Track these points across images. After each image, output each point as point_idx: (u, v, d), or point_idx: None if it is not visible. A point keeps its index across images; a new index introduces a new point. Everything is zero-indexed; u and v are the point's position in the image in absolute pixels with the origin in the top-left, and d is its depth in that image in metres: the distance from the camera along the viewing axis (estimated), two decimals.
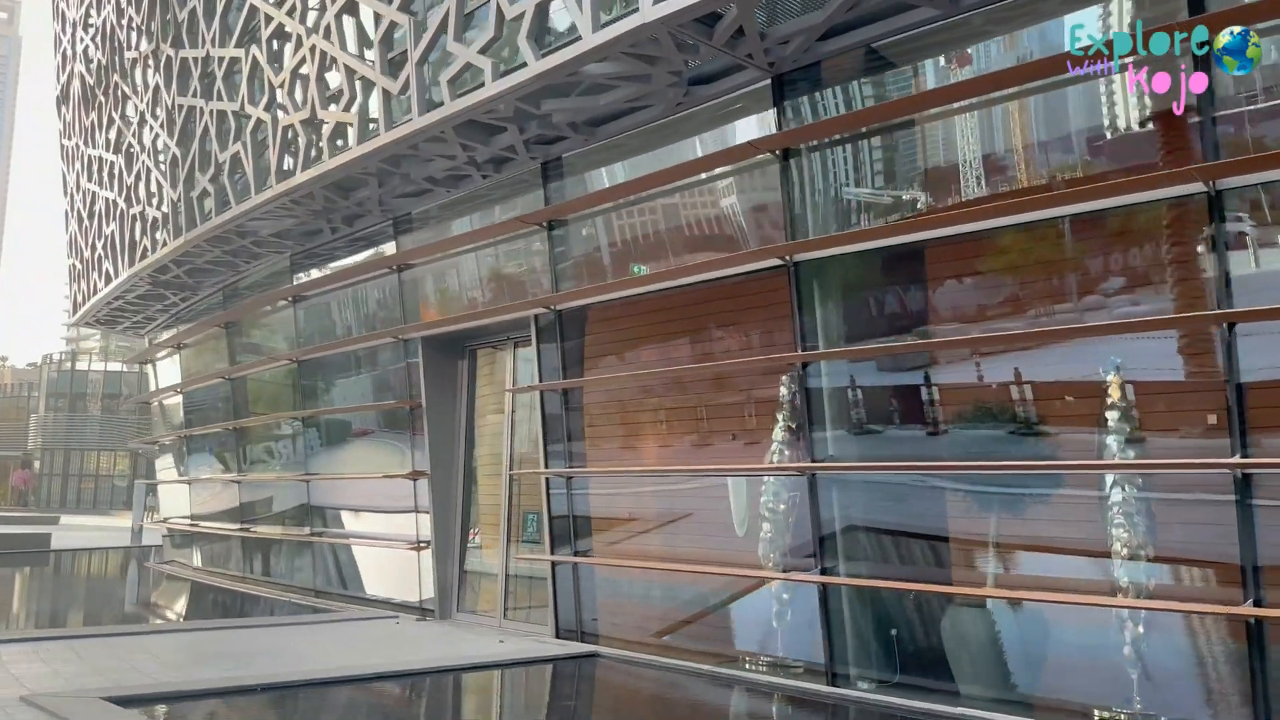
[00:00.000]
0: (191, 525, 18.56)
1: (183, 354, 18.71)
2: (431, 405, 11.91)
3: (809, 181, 7.97)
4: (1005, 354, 7.04)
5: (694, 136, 9.11)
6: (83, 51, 17.85)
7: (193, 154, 13.21)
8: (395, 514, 13.00)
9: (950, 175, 7.28)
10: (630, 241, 9.81)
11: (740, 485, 9.52)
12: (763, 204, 8.48)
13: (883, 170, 7.75)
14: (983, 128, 7.23)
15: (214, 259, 14.59)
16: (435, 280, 12.17)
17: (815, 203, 7.94)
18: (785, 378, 8.48)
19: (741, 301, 8.90)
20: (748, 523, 9.72)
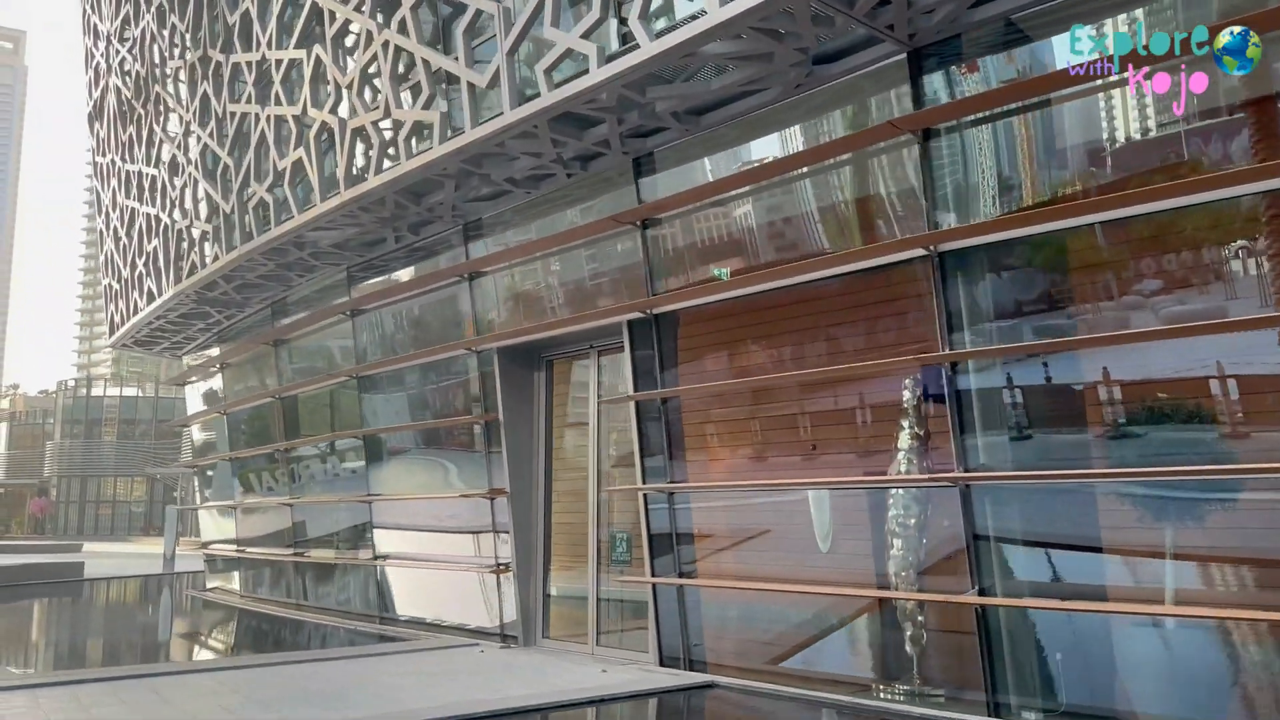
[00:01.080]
0: (238, 550, 17.93)
1: (225, 374, 18.13)
2: (509, 419, 11.28)
3: (953, 163, 7.33)
4: (1190, 343, 6.39)
5: (798, 124, 8.50)
6: (118, 65, 17.34)
7: (247, 163, 12.64)
8: (466, 534, 12.38)
9: (1121, 153, 6.65)
10: (729, 238, 9.20)
11: (822, 499, 8.93)
12: (891, 190, 7.85)
13: (1039, 148, 7.11)
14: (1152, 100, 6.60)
15: (266, 273, 14.01)
16: (509, 288, 11.56)
17: (960, 186, 7.31)
18: (908, 381, 7.84)
19: (860, 297, 8.28)
20: (831, 538, 9.17)
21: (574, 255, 10.73)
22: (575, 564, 11.16)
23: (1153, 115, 6.55)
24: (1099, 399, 6.96)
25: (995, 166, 7.22)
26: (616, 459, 10.70)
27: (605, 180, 10.14)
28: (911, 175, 7.54)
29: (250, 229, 12.63)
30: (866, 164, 7.93)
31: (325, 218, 11.38)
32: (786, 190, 8.62)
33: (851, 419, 8.63)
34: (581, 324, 10.23)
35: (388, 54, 9.92)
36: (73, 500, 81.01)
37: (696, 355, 9.48)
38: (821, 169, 8.16)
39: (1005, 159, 7.22)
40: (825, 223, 8.40)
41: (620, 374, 10.79)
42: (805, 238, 8.55)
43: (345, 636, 13.45)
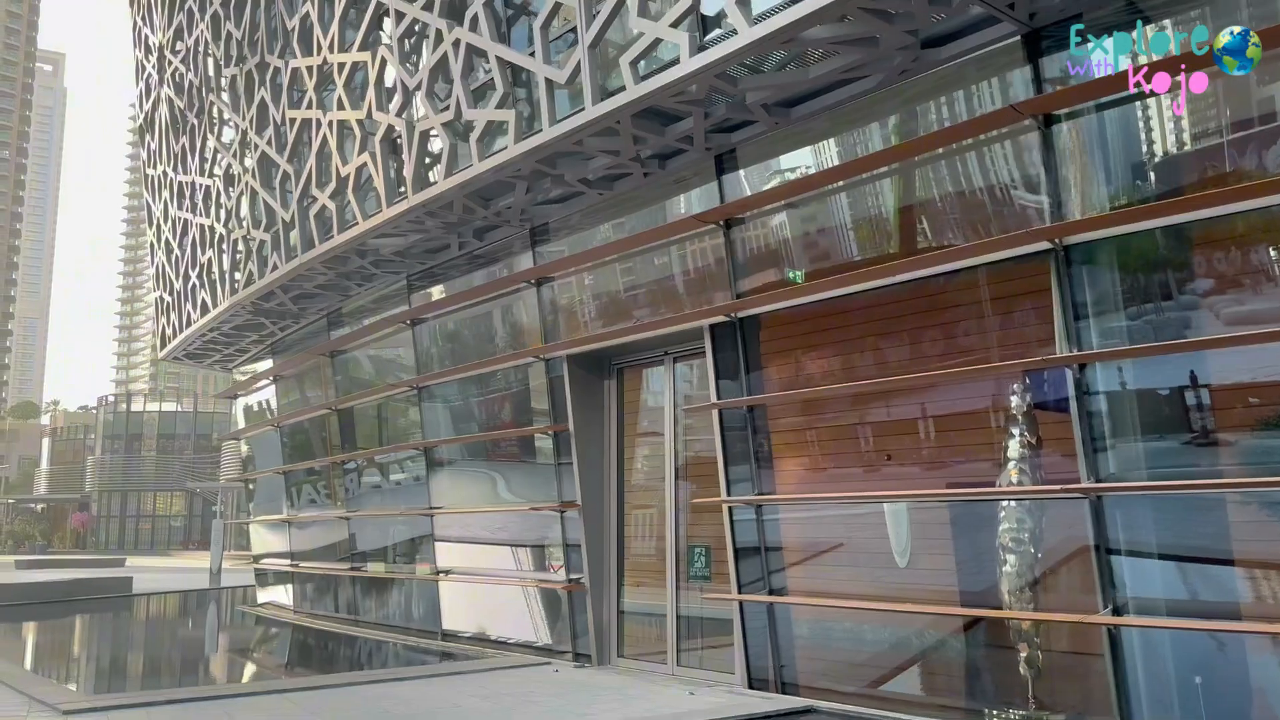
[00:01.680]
0: (291, 565, 17.66)
1: (278, 386, 17.91)
2: (579, 430, 10.89)
3: (1077, 150, 6.86)
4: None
5: (894, 114, 8.07)
6: (170, 76, 17.23)
7: (308, 169, 12.39)
8: (533, 549, 12.00)
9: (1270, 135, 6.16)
10: (818, 236, 8.77)
11: (899, 512, 8.43)
12: (1004, 181, 7.40)
13: (1179, 134, 6.63)
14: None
15: (324, 283, 13.75)
16: (578, 293, 11.19)
17: (1085, 175, 6.84)
18: (1017, 385, 7.37)
19: (959, 297, 7.83)
20: (908, 553, 8.72)
21: (646, 258, 10.35)
22: (649, 579, 10.74)
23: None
24: (1242, 402, 6.46)
25: (1124, 153, 6.75)
26: (694, 470, 10.29)
27: (677, 181, 9.77)
28: (1030, 164, 7.08)
29: (312, 237, 12.37)
30: (977, 154, 7.48)
31: (390, 224, 11.08)
32: (883, 184, 8.18)
33: (948, 426, 8.18)
34: (657, 330, 9.84)
35: (459, 53, 9.60)
36: (113, 515, 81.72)
37: (781, 360, 9.05)
38: (927, 160, 7.71)
39: (1136, 145, 6.75)
40: (929, 217, 7.95)
41: (696, 381, 10.41)
42: (904, 234, 8.11)
43: (407, 654, 13.10)
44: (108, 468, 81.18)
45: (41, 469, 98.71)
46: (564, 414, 11.07)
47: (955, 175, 7.70)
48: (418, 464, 13.94)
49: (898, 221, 8.18)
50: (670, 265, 10.09)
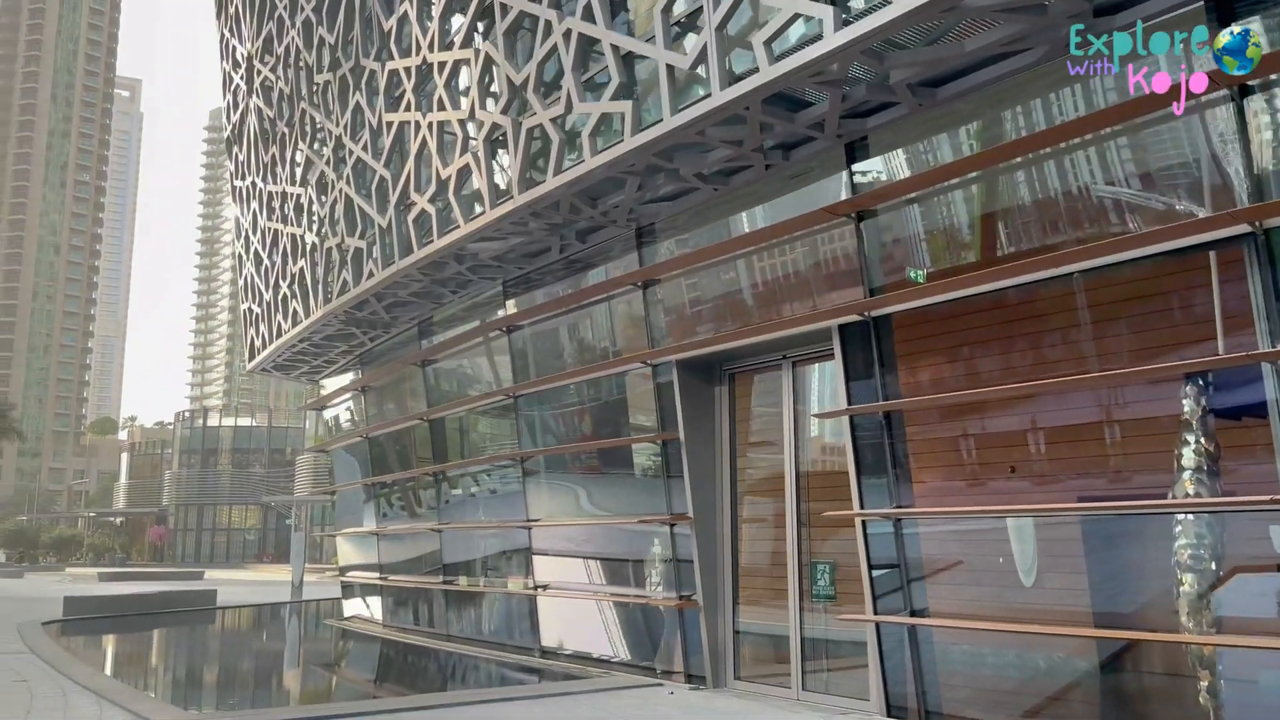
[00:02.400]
0: (380, 578, 17.41)
1: (365, 397, 17.72)
2: (690, 438, 10.37)
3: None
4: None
5: (1051, 92, 7.43)
6: (260, 85, 17.22)
7: (406, 173, 12.12)
8: (639, 563, 11.50)
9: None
10: (958, 228, 8.17)
11: (1024, 528, 7.79)
12: (1183, 161, 6.73)
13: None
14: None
15: (419, 290, 13.48)
16: (686, 295, 10.70)
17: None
18: (1189, 389, 6.67)
19: (1117, 292, 7.17)
20: (1035, 570, 8.03)
21: (762, 257, 9.82)
22: (766, 597, 10.16)
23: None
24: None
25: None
26: (815, 482, 9.71)
27: (794, 176, 9.25)
28: (1216, 141, 6.40)
29: (410, 242, 12.08)
30: (1151, 131, 6.82)
31: (492, 226, 10.73)
32: (1037, 170, 7.54)
33: (1102, 434, 7.51)
34: (777, 332, 9.29)
35: (569, 44, 9.21)
36: (189, 528, 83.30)
37: (918, 362, 8.44)
38: (1091, 141, 7.07)
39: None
40: (1088, 205, 7.30)
41: (818, 386, 9.84)
42: (1060, 224, 7.46)
43: (506, 673, 12.69)
44: (184, 482, 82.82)
45: (120, 483, 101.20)
46: (673, 422, 10.57)
47: (1125, 156, 7.05)
48: (511, 475, 13.57)
49: (1054, 210, 7.53)
50: (789, 264, 9.55)
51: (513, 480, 13.48)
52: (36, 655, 13.75)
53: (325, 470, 64.25)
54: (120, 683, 11.69)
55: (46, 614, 21.25)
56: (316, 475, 67.61)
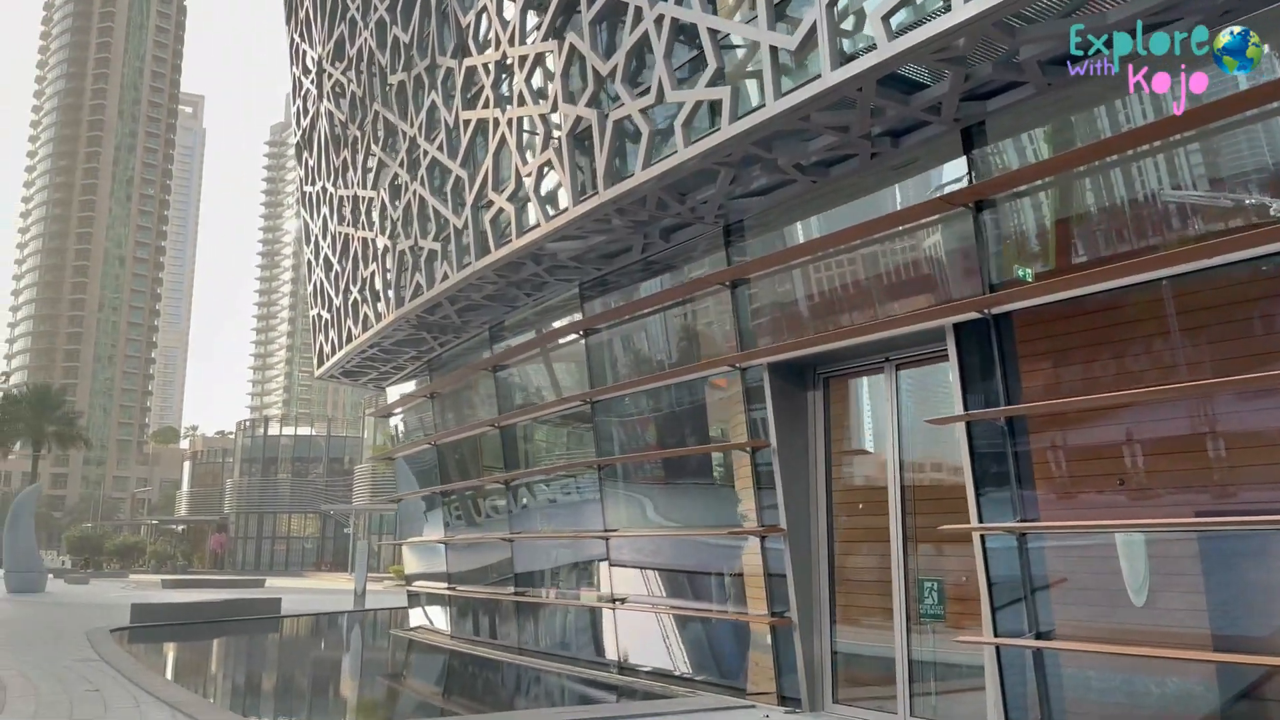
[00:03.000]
0: (448, 588, 17.07)
1: (434, 404, 17.43)
2: (782, 446, 9.83)
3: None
4: None
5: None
6: (331, 89, 17.07)
7: (484, 171, 11.77)
8: (725, 577, 10.97)
9: None
10: (1091, 217, 7.55)
11: (1135, 544, 7.24)
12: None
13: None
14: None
15: (493, 293, 13.12)
16: (778, 295, 10.18)
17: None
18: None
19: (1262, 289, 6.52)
20: (1146, 589, 7.37)
21: (862, 253, 9.27)
22: (866, 615, 9.57)
23: None
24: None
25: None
26: (922, 493, 9.11)
27: (896, 168, 8.72)
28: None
29: (487, 242, 11.72)
30: None
31: (575, 224, 10.32)
32: (1184, 152, 6.92)
33: (1256, 442, 6.84)
34: (882, 332, 8.73)
35: (661, 30, 8.77)
36: (249, 536, 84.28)
37: (1042, 364, 7.82)
38: (1254, 118, 6.43)
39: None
40: (1239, 189, 6.66)
41: (922, 390, 9.26)
42: (1203, 215, 6.82)
43: (583, 690, 12.22)
44: (245, 490, 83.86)
45: (182, 491, 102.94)
46: (763, 429, 10.05)
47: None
48: (587, 483, 13.13)
49: (1199, 198, 6.90)
50: (892, 259, 8.99)
51: (588, 489, 13.04)
52: (108, 663, 13.60)
53: (383, 479, 64.80)
54: (193, 693, 11.45)
55: (114, 621, 21.29)
56: (375, 484, 68.15)
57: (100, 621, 21.02)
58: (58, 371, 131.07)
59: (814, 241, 9.28)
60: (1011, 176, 7.64)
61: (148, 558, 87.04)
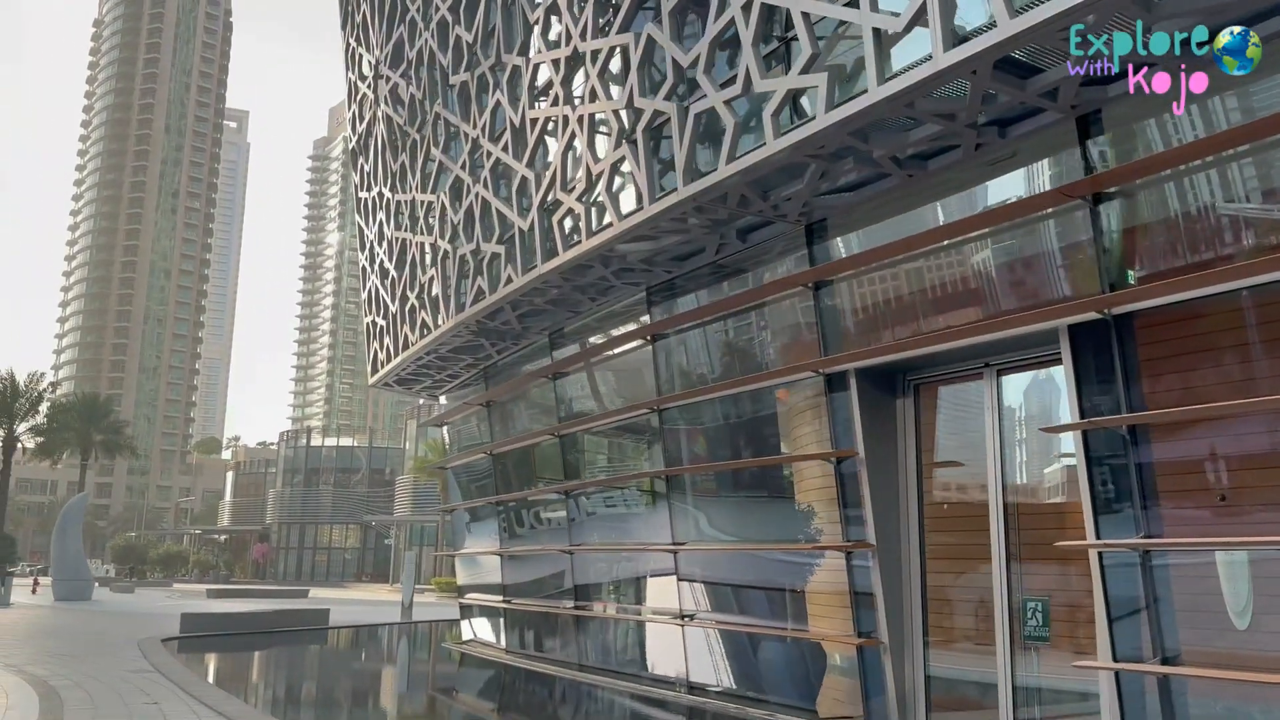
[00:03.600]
0: (504, 601, 16.66)
1: (490, 412, 17.07)
2: (871, 457, 9.32)
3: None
4: None
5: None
6: (389, 92, 16.85)
7: (552, 171, 11.41)
8: (802, 594, 10.46)
9: None
10: (1217, 212, 7.00)
11: (1238, 563, 6.76)
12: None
13: None
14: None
15: (556, 298, 12.74)
16: (863, 297, 9.69)
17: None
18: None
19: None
20: (1250, 612, 6.78)
21: (958, 252, 8.76)
22: (960, 637, 9.02)
23: None
24: None
25: None
26: (1026, 506, 8.56)
27: (994, 162, 8.21)
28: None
29: (554, 244, 11.34)
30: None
31: (649, 224, 9.91)
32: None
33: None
34: (985, 335, 8.20)
35: (750, 16, 8.33)
36: (291, 546, 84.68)
37: (1165, 369, 7.26)
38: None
39: None
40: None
41: (1025, 397, 8.72)
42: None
43: (648, 710, 11.75)
44: (287, 501, 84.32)
45: (225, 501, 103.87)
46: (847, 438, 9.54)
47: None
48: (653, 494, 12.69)
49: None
50: (995, 258, 8.47)
51: (654, 500, 12.59)
52: (162, 674, 13.35)
53: (425, 491, 64.78)
54: (250, 707, 11.12)
55: (163, 630, 21.16)
56: (416, 496, 68.24)
57: (149, 631, 20.89)
58: (103, 382, 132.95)
59: (915, 237, 8.74)
60: (1136, 166, 7.10)
61: (190, 567, 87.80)
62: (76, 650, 16.77)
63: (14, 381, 33.57)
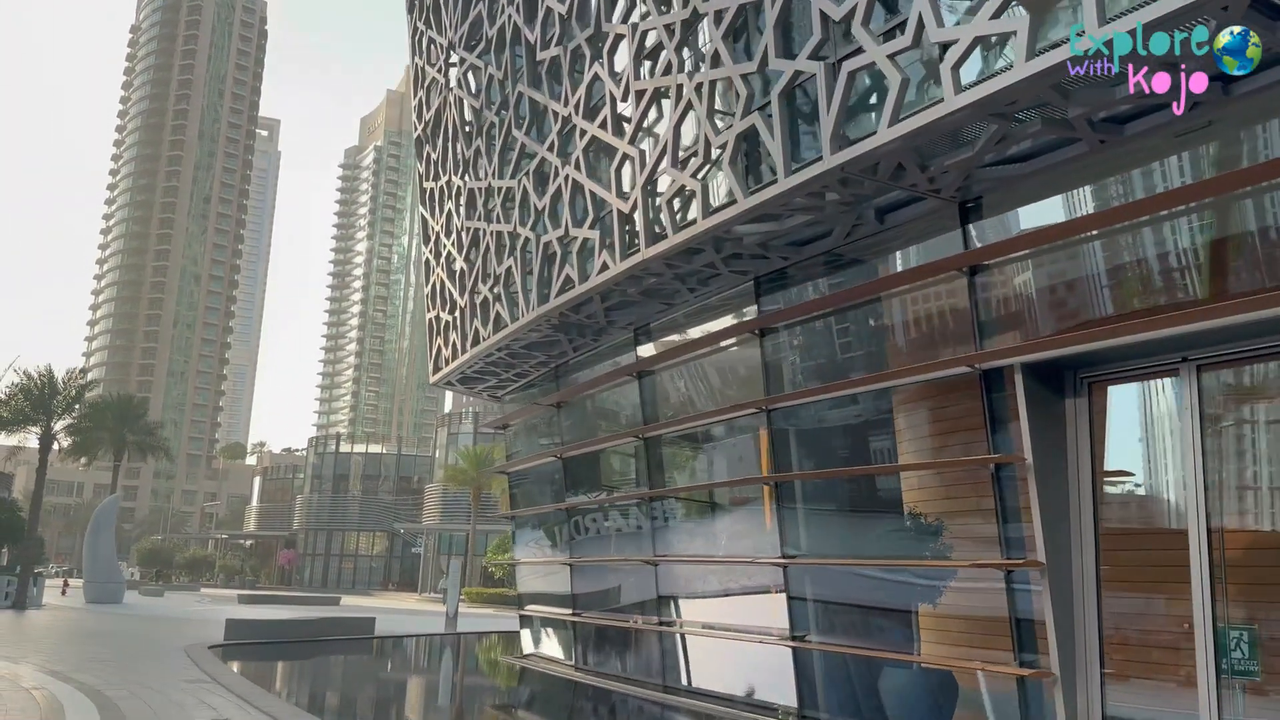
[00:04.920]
0: (573, 614, 15.64)
1: (560, 414, 16.10)
2: (1040, 463, 8.24)
3: None
4: None
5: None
6: (463, 74, 15.96)
7: (662, 146, 10.43)
8: (937, 618, 9.39)
9: None
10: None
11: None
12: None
13: None
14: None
15: (653, 287, 11.75)
16: (1027, 283, 8.64)
17: None
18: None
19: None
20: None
21: (1151, 232, 7.71)
22: (1147, 671, 7.92)
23: None
24: None
25: None
26: (1234, 522, 7.46)
27: (1182, 134, 7.18)
28: None
29: (661, 225, 10.36)
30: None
31: (782, 200, 8.91)
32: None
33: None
34: (1188, 325, 7.13)
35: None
36: (317, 553, 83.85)
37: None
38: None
39: None
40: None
41: (1227, 396, 7.63)
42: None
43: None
44: (314, 507, 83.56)
45: (252, 506, 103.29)
46: (1008, 442, 8.49)
47: None
48: (751, 502, 11.66)
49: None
50: (1196, 236, 7.42)
51: (757, 509, 11.56)
52: (219, 684, 12.42)
53: (454, 499, 63.90)
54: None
55: (203, 635, 20.30)
56: (445, 504, 67.30)
57: (190, 636, 20.04)
58: (132, 385, 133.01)
59: (1116, 210, 7.69)
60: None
61: (216, 571, 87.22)
62: (123, 656, 15.90)
63: (52, 378, 32.89)
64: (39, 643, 18.18)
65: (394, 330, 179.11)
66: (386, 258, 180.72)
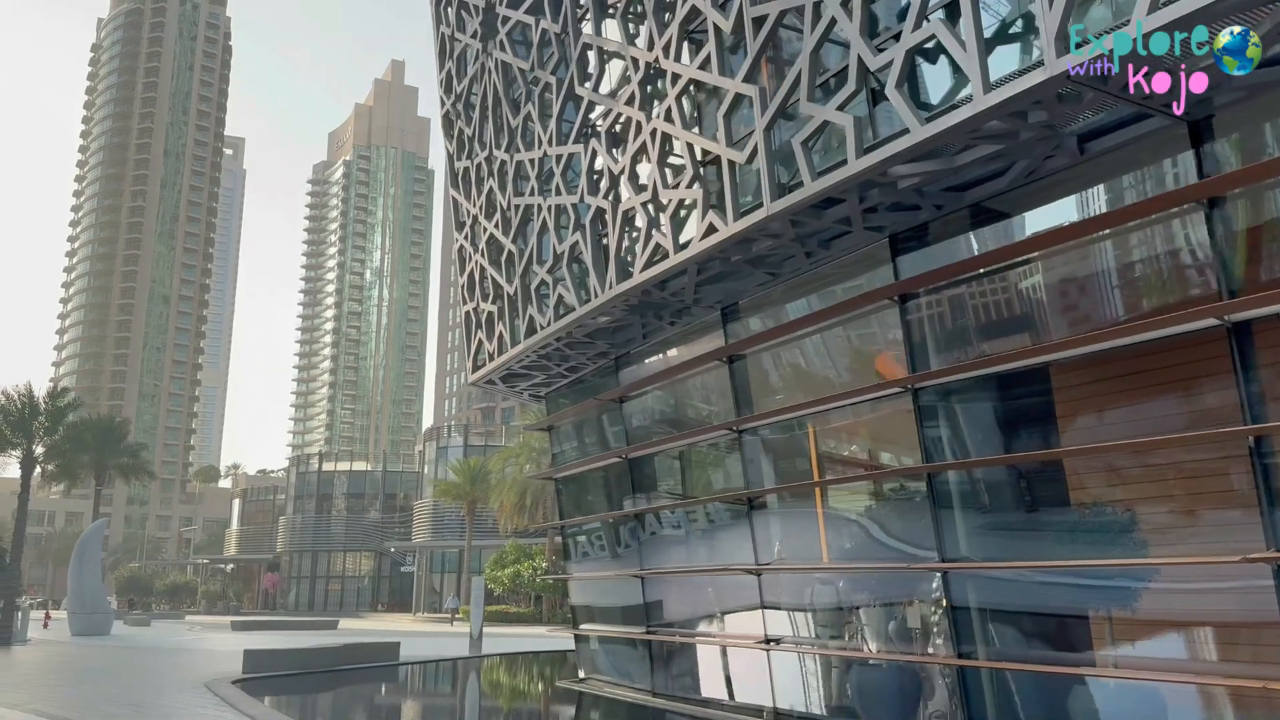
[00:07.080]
0: (648, 632, 13.97)
1: (622, 410, 14.46)
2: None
3: None
4: None
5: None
6: (509, 33, 14.33)
7: (793, 79, 8.85)
8: (1178, 626, 7.86)
9: None
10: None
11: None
12: None
13: None
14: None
15: (765, 251, 10.18)
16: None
17: None
18: None
19: None
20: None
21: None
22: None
23: None
24: None
25: None
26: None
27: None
28: None
29: (799, 173, 8.78)
30: None
31: (970, 127, 7.36)
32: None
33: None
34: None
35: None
36: (303, 576, 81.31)
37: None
38: None
39: None
40: None
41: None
42: None
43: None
44: (297, 528, 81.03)
45: (232, 530, 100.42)
46: (1264, 411, 6.99)
47: None
48: (897, 499, 10.13)
49: None
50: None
51: (899, 505, 10.01)
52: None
53: (446, 515, 61.83)
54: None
55: (216, 667, 18.45)
56: (435, 521, 65.18)
57: (201, 668, 18.21)
58: (102, 409, 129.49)
59: None
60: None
61: (199, 598, 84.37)
62: (137, 696, 14.05)
63: (32, 397, 30.72)
64: (36, 683, 16.25)
65: (368, 346, 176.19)
66: (359, 272, 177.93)
